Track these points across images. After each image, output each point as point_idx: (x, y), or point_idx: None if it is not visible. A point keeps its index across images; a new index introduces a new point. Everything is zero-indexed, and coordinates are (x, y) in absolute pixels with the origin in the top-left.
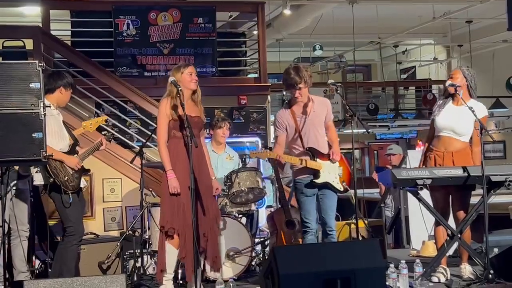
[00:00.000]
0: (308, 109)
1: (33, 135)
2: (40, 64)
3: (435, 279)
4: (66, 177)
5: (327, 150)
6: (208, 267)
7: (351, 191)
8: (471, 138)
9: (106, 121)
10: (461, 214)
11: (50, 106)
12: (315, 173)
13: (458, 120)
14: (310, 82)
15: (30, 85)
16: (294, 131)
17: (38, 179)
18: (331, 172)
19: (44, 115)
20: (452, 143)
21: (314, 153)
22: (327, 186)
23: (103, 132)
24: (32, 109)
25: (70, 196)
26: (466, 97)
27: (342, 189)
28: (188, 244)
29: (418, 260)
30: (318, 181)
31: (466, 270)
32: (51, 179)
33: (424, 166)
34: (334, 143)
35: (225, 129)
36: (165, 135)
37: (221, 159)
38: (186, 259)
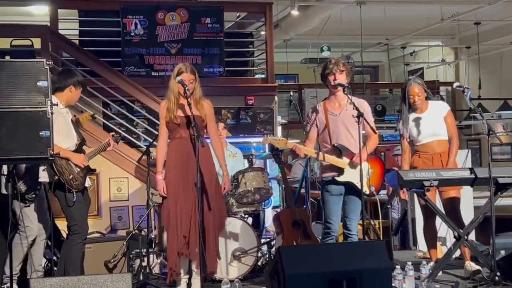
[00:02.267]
0: (341, 107)
1: (40, 133)
2: (47, 62)
3: None
4: (71, 176)
5: None
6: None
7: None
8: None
9: (92, 116)
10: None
11: (57, 105)
12: (339, 171)
13: (431, 123)
14: (349, 73)
15: (38, 84)
16: (324, 128)
17: (44, 176)
18: (355, 173)
19: (52, 113)
20: (438, 145)
21: (342, 150)
22: (352, 187)
23: (112, 133)
24: (40, 108)
25: (74, 195)
26: (426, 103)
27: (368, 192)
28: (169, 245)
29: (424, 262)
30: (340, 179)
31: (471, 265)
32: (56, 177)
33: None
34: (363, 148)
35: (220, 129)
36: (163, 136)
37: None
38: (167, 260)
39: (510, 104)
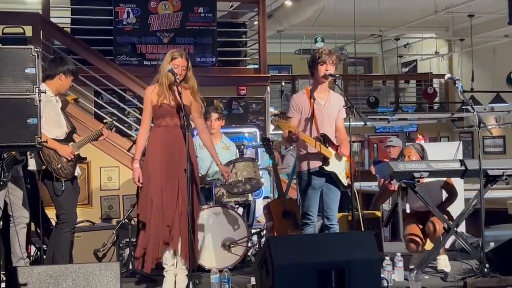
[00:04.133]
0: (326, 98)
1: (27, 121)
2: (35, 49)
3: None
4: (60, 165)
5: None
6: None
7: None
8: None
9: (75, 100)
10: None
11: (45, 92)
12: (325, 160)
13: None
14: (336, 68)
15: (26, 71)
16: (309, 116)
17: (32, 164)
18: (338, 164)
19: (39, 100)
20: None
21: (326, 140)
22: (332, 178)
23: (104, 121)
24: (27, 95)
25: (63, 184)
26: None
27: (346, 184)
28: (152, 234)
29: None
30: (327, 168)
31: (444, 262)
32: (44, 166)
33: None
34: (344, 141)
35: (213, 120)
36: (146, 122)
37: (217, 149)
38: (147, 249)
39: (503, 96)
